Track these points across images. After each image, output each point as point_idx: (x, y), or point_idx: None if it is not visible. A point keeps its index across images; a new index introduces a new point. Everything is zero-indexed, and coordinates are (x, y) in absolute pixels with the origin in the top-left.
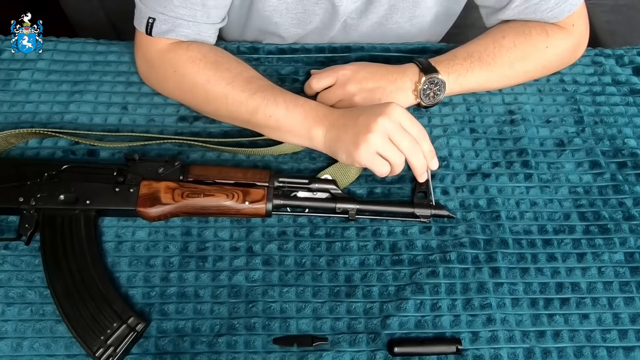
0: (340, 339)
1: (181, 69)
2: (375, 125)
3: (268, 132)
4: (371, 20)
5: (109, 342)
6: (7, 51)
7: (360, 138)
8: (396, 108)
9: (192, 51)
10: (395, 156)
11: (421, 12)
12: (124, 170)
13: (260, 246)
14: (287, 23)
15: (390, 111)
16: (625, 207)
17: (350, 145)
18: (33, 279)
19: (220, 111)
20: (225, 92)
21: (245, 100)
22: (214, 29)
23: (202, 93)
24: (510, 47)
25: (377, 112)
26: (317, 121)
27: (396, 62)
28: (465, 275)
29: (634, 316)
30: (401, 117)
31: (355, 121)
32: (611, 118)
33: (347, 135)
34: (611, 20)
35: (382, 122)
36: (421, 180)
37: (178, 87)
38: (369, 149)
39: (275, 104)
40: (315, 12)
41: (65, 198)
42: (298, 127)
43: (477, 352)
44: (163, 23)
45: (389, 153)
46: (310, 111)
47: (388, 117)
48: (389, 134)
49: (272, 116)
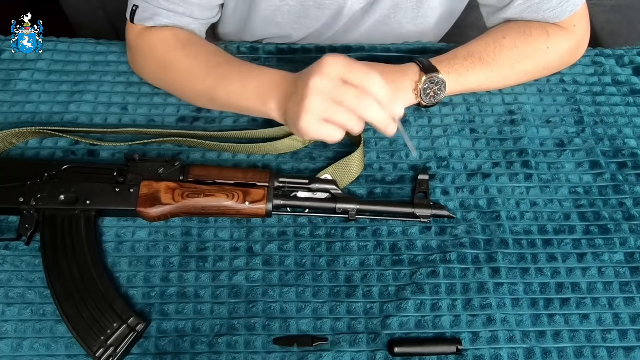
0: (340, 339)
1: (155, 50)
2: (308, 89)
3: (235, 110)
4: (373, 18)
5: (109, 342)
6: (7, 51)
7: (300, 108)
8: (329, 61)
9: (164, 32)
10: (344, 117)
11: (425, 12)
12: (124, 170)
13: (260, 246)
14: (289, 25)
15: (323, 67)
16: (625, 207)
17: (294, 117)
18: (33, 279)
19: (187, 91)
20: (188, 69)
21: (204, 76)
22: (197, 22)
23: (170, 72)
24: (511, 47)
25: (309, 73)
26: (271, 92)
27: (396, 61)
28: (465, 275)
29: (634, 316)
30: (338, 69)
31: (294, 88)
32: (611, 118)
33: (291, 106)
34: (611, 20)
35: (315, 82)
36: (389, 134)
37: (154, 69)
38: (311, 118)
39: (231, 78)
40: (318, 17)
41: (65, 198)
42: (254, 101)
43: (477, 352)
44: (144, 11)
45: (335, 115)
46: (264, 82)
47: (320, 75)
48: (328, 93)
49: (232, 91)
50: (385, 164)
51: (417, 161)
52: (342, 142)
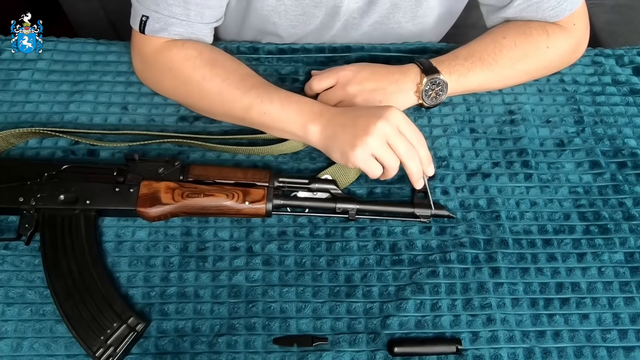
0: (340, 339)
1: (177, 67)
2: (374, 128)
3: (263, 128)
4: (372, 19)
5: (109, 342)
6: (7, 51)
7: (358, 139)
8: (396, 112)
9: (188, 49)
10: (391, 160)
11: (424, 11)
12: (124, 170)
13: (260, 246)
14: (286, 24)
15: (390, 115)
16: (625, 207)
17: (347, 145)
18: (33, 279)
19: (215, 108)
20: (219, 90)
21: (239, 97)
22: (208, 28)
23: (197, 90)
24: (511, 47)
25: (377, 115)
26: (313, 117)
27: (396, 62)
28: (465, 275)
29: (634, 316)
30: (400, 121)
31: (354, 121)
32: (611, 118)
33: (345, 135)
34: (611, 20)
35: (381, 125)
36: (417, 187)
37: (173, 85)
38: (365, 151)
39: (270, 100)
40: (315, 14)
41: (65, 198)
42: (293, 123)
43: (477, 352)
44: (156, 22)
45: (385, 156)
46: (305, 107)
47: (387, 121)
48: (387, 137)
49: (267, 113)
50: None
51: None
52: None
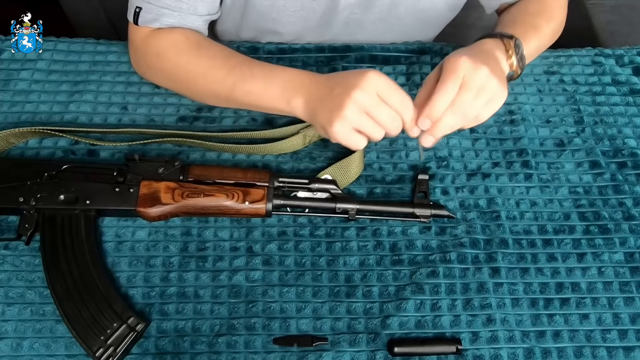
0: (340, 339)
1: (163, 52)
2: (350, 100)
3: (251, 107)
4: (374, 15)
5: (109, 342)
6: (7, 51)
7: (334, 115)
8: (372, 78)
9: (174, 34)
10: (374, 130)
11: (424, 5)
12: (124, 170)
13: (260, 246)
14: (285, 20)
15: (366, 82)
16: (625, 207)
17: (325, 121)
18: (33, 279)
19: (202, 92)
20: (204, 71)
21: (223, 77)
22: (201, 20)
23: (184, 74)
24: (539, 14)
25: (352, 84)
26: (296, 91)
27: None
28: (465, 275)
29: (634, 316)
30: (379, 86)
31: (330, 93)
32: (611, 118)
33: (323, 111)
34: (611, 20)
35: (358, 95)
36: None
37: (162, 72)
38: (344, 127)
39: (253, 78)
40: (314, 9)
41: (65, 198)
42: (277, 99)
43: (477, 352)
44: (148, 12)
45: (367, 128)
46: (288, 82)
47: (363, 90)
48: (365, 107)
49: (251, 91)
50: (385, 164)
51: (417, 161)
52: None
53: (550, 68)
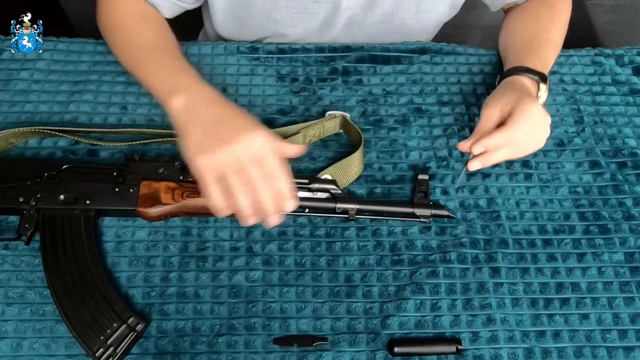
0: (340, 339)
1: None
2: (228, 145)
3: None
4: (377, 16)
5: (109, 342)
6: (7, 51)
7: (208, 147)
8: (259, 137)
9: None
10: (235, 183)
11: (427, 6)
12: (124, 170)
13: (260, 246)
14: (287, 22)
15: (252, 139)
16: (625, 207)
17: (194, 146)
18: (33, 279)
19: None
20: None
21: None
22: (168, 2)
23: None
24: (552, 22)
25: (240, 133)
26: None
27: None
28: (465, 275)
29: (634, 316)
30: (262, 147)
31: (215, 126)
32: (611, 118)
33: (197, 134)
34: (611, 20)
35: (244, 143)
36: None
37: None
38: (210, 163)
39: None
40: (316, 11)
41: (65, 198)
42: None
43: (477, 352)
44: None
45: (230, 177)
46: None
47: (246, 143)
48: (240, 159)
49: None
50: (385, 164)
51: (417, 161)
52: (342, 143)
53: (550, 68)
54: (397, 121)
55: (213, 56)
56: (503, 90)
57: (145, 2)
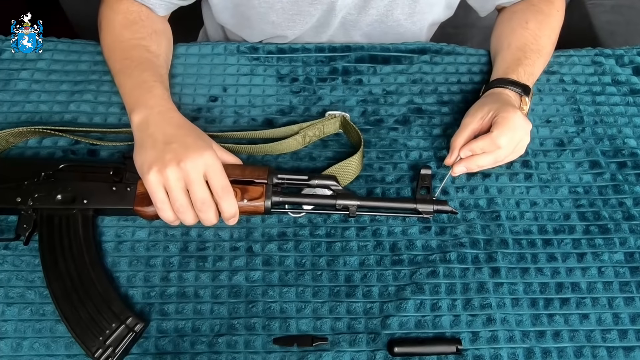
0: (340, 339)
1: (110, 14)
2: (178, 162)
3: None
4: (371, 16)
5: (108, 342)
6: (7, 51)
7: (159, 161)
8: (208, 157)
9: (124, 3)
10: (181, 199)
11: (421, 8)
12: (121, 169)
13: (260, 246)
14: (284, 24)
15: (200, 157)
16: (625, 207)
17: (147, 162)
18: (33, 279)
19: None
20: (112, 45)
21: (118, 60)
22: (164, 1)
23: (103, 34)
24: (540, 29)
25: (189, 151)
26: (135, 108)
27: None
28: (465, 275)
29: (634, 316)
30: (209, 167)
31: (166, 143)
32: (611, 118)
33: (150, 151)
34: (611, 20)
35: (191, 162)
36: None
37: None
38: (159, 180)
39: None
40: (311, 12)
41: (62, 198)
42: (126, 103)
43: (477, 352)
44: None
45: (176, 194)
46: (141, 99)
47: (194, 162)
48: (189, 177)
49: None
50: (385, 164)
51: (417, 161)
52: (342, 143)
53: (550, 68)
54: (397, 121)
55: (213, 56)
56: (484, 101)
57: (140, 6)
